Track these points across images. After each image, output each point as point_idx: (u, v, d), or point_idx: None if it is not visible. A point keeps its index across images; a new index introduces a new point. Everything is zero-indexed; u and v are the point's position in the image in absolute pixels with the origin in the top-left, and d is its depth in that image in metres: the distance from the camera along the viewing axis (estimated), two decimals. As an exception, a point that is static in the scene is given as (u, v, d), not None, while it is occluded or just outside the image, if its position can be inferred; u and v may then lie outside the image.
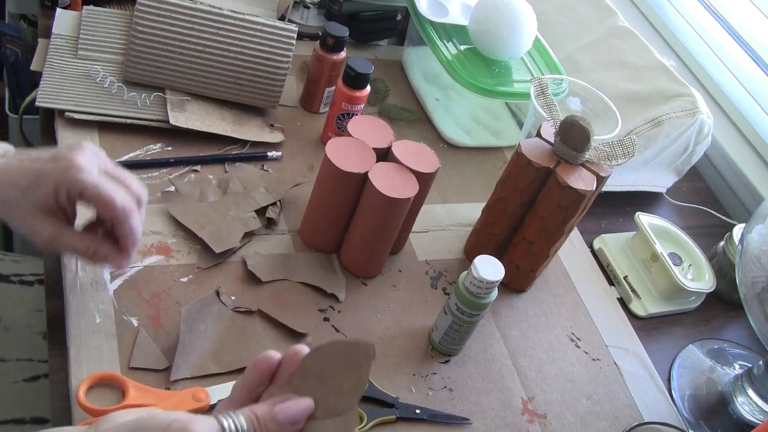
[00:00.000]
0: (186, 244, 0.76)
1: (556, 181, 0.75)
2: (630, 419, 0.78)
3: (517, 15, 0.94)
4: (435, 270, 0.85)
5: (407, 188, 0.73)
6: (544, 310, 0.85)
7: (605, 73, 1.03)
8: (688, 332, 0.90)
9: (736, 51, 1.21)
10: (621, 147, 0.76)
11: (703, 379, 0.85)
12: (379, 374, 0.72)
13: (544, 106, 0.80)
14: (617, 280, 0.92)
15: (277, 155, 0.88)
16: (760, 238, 0.73)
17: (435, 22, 0.98)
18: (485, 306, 0.71)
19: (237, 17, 0.86)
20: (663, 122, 0.95)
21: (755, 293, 0.72)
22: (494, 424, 0.73)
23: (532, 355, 0.80)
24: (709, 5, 1.27)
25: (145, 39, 0.84)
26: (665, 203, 1.07)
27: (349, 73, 0.87)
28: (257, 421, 0.45)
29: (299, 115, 0.97)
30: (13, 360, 0.84)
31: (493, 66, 0.98)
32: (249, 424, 0.45)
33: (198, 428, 0.43)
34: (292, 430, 0.46)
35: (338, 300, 0.77)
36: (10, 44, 1.25)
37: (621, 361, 0.83)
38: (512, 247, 0.83)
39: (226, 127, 0.88)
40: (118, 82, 0.86)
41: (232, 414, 0.45)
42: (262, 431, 0.46)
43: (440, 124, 1.02)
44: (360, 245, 0.78)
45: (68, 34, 0.89)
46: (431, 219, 0.90)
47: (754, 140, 1.12)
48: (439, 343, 0.76)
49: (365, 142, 0.76)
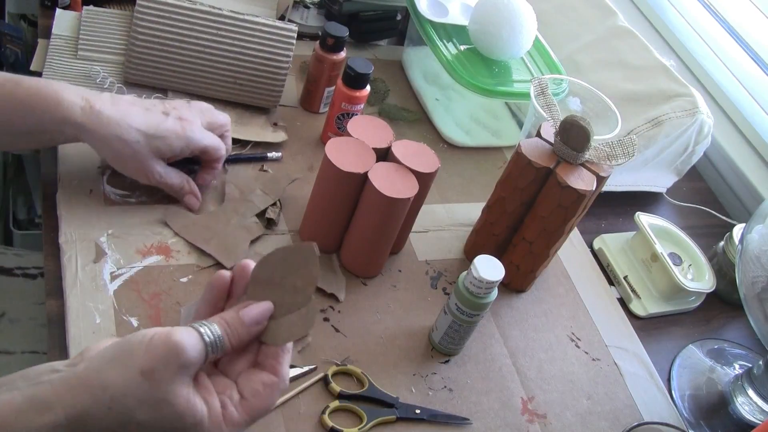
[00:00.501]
0: (186, 244, 0.76)
1: (556, 181, 0.75)
2: (630, 419, 0.78)
3: (517, 15, 0.94)
4: (435, 270, 0.85)
5: (407, 188, 0.73)
6: (544, 310, 0.85)
7: (605, 73, 1.03)
8: (688, 332, 0.90)
9: (736, 51, 1.21)
10: (621, 147, 0.76)
11: (703, 379, 0.85)
12: (379, 374, 0.73)
13: (544, 106, 0.80)
14: (617, 280, 0.92)
15: (277, 156, 0.88)
16: (760, 238, 0.73)
17: (435, 22, 0.98)
18: (485, 306, 0.71)
19: (237, 17, 0.86)
20: (663, 122, 0.95)
21: (755, 293, 0.72)
22: (494, 424, 0.73)
23: (532, 355, 0.80)
24: (709, 5, 1.27)
25: (146, 40, 0.84)
26: (665, 203, 1.07)
27: (349, 73, 0.87)
28: (228, 326, 0.51)
29: (299, 115, 0.97)
30: (18, 352, 0.84)
31: (493, 66, 0.98)
32: (222, 329, 0.50)
33: (179, 335, 0.47)
34: (257, 330, 0.52)
35: (338, 300, 0.77)
36: (10, 44, 1.25)
37: (621, 361, 0.83)
38: (512, 247, 0.83)
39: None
40: (117, 83, 0.86)
41: (205, 323, 0.50)
42: (233, 333, 0.51)
43: (440, 124, 1.02)
44: (360, 245, 0.78)
45: (68, 35, 0.89)
46: (431, 219, 0.90)
47: (754, 140, 1.12)
48: (439, 343, 0.76)
49: (365, 142, 0.76)
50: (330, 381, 0.70)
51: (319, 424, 0.67)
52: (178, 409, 0.47)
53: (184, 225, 0.77)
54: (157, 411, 0.47)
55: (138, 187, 0.79)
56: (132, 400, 0.46)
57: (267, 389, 0.51)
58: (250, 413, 0.50)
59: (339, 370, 0.71)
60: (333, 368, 0.71)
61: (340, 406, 0.69)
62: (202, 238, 0.76)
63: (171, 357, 0.46)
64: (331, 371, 0.71)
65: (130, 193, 0.79)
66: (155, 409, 0.46)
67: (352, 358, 0.73)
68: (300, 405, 0.68)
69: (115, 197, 0.78)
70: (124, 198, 0.78)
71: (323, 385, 0.70)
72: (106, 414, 0.46)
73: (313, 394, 0.69)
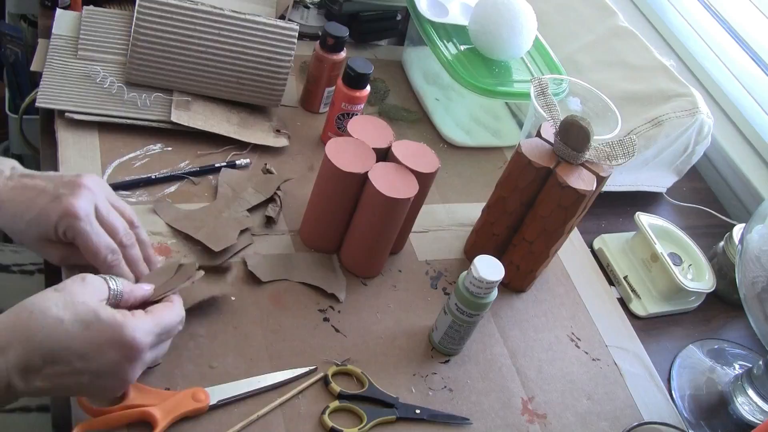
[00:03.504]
0: (186, 245, 0.76)
1: (556, 181, 0.75)
2: (630, 419, 0.78)
3: (517, 15, 0.94)
4: (435, 270, 0.85)
5: (407, 188, 0.73)
6: (544, 310, 0.85)
7: (605, 73, 1.03)
8: (688, 332, 0.90)
9: (736, 51, 1.21)
10: (621, 147, 0.76)
11: (703, 379, 0.85)
12: (379, 374, 0.73)
13: (544, 106, 0.80)
14: (617, 280, 0.92)
15: (246, 162, 0.86)
16: (760, 238, 0.73)
17: (435, 22, 0.98)
18: (485, 306, 0.71)
19: (238, 17, 0.86)
20: (663, 122, 0.95)
21: (755, 293, 0.72)
22: (494, 424, 0.73)
23: (532, 355, 0.80)
24: (709, 5, 1.27)
25: (147, 41, 0.84)
26: (665, 203, 1.07)
27: (349, 73, 0.87)
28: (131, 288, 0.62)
29: (299, 115, 0.97)
30: None
31: (493, 66, 0.98)
32: (125, 287, 0.61)
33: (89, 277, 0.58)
34: (142, 294, 0.63)
35: (338, 300, 0.77)
36: (10, 44, 1.24)
37: (621, 361, 0.83)
38: (512, 247, 0.83)
39: (229, 129, 0.88)
40: (118, 83, 0.86)
41: (116, 279, 0.61)
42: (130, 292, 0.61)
43: (440, 124, 1.02)
44: (360, 245, 0.78)
45: (68, 35, 0.89)
46: (431, 219, 0.90)
47: (754, 140, 1.12)
48: (439, 343, 0.76)
49: (365, 142, 0.76)
50: (330, 381, 0.70)
51: (319, 424, 0.67)
52: (90, 305, 0.55)
53: (175, 217, 0.77)
54: (72, 311, 0.55)
55: (138, 187, 0.79)
56: (52, 307, 0.54)
57: (166, 305, 0.62)
58: (153, 315, 0.59)
59: (339, 371, 0.71)
60: (333, 368, 0.71)
61: (340, 406, 0.69)
62: (193, 227, 0.77)
63: (78, 284, 0.57)
64: (331, 371, 0.71)
65: (130, 194, 0.79)
66: (72, 311, 0.54)
67: (352, 359, 0.73)
68: (300, 405, 0.68)
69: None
70: (124, 198, 0.78)
71: (323, 385, 0.70)
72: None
73: (313, 395, 0.69)
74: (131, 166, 0.81)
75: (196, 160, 0.85)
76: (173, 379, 0.65)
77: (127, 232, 0.66)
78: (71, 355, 0.54)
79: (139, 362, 0.58)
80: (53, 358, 0.54)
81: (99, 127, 0.83)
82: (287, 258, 0.79)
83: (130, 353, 0.56)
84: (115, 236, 0.65)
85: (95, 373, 0.55)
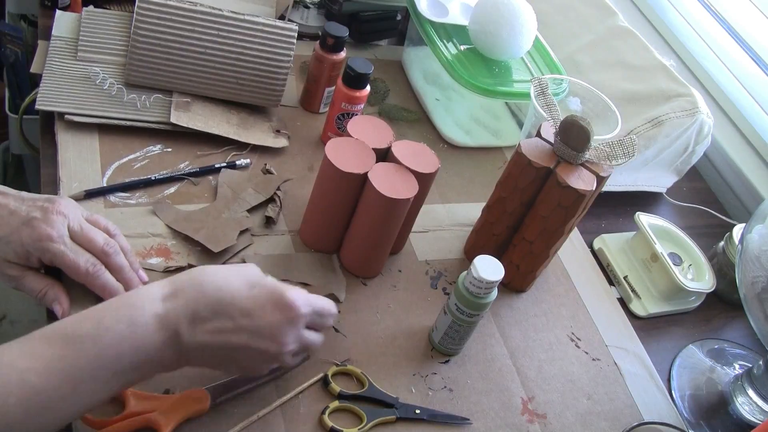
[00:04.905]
0: (185, 245, 0.76)
1: (556, 181, 0.75)
2: (630, 419, 0.78)
3: (517, 15, 0.94)
4: (435, 270, 0.85)
5: (407, 188, 0.73)
6: (544, 310, 0.85)
7: (605, 73, 1.03)
8: (688, 332, 0.90)
9: (736, 51, 1.21)
10: (621, 147, 0.76)
11: (703, 379, 0.85)
12: (379, 374, 0.73)
13: (544, 106, 0.80)
14: (617, 280, 0.92)
15: (246, 162, 0.86)
16: (760, 238, 0.73)
17: (435, 22, 0.98)
18: (485, 306, 0.71)
19: (237, 17, 0.86)
20: (663, 122, 0.95)
21: (755, 293, 0.72)
22: (494, 424, 0.73)
23: (532, 355, 0.80)
24: (709, 5, 1.27)
25: (147, 42, 0.84)
26: (665, 203, 1.07)
27: (349, 73, 0.87)
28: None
29: (299, 115, 0.97)
30: None
31: (493, 66, 0.98)
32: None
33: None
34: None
35: (338, 300, 0.77)
36: (10, 44, 1.24)
37: (621, 361, 0.83)
38: (512, 247, 0.83)
39: (229, 130, 0.88)
40: (117, 84, 0.86)
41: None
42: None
43: (440, 124, 1.02)
44: (360, 245, 0.78)
45: (68, 36, 0.89)
46: (431, 219, 0.90)
47: (754, 140, 1.12)
48: (439, 343, 0.76)
49: (365, 143, 0.76)
50: (330, 381, 0.70)
51: (319, 424, 0.67)
52: (256, 271, 0.62)
53: (175, 218, 0.77)
54: (241, 273, 0.61)
55: (138, 188, 0.79)
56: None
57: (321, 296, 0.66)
58: (310, 294, 0.63)
59: (339, 371, 0.71)
60: (333, 368, 0.71)
61: (340, 406, 0.69)
62: (192, 228, 0.77)
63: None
64: (331, 371, 0.71)
65: (129, 195, 0.79)
66: (241, 274, 0.61)
67: (352, 359, 0.73)
68: (300, 405, 0.68)
69: (114, 199, 0.78)
70: (123, 200, 0.78)
71: (323, 385, 0.70)
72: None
73: (313, 395, 0.69)
74: (131, 168, 0.81)
75: (196, 160, 0.85)
76: (173, 381, 0.65)
77: (107, 241, 0.67)
78: (236, 311, 0.58)
79: (296, 327, 0.61)
80: (220, 310, 0.57)
81: (99, 128, 0.83)
82: (287, 258, 0.79)
83: (290, 314, 0.60)
84: (96, 248, 0.66)
85: (256, 332, 0.58)
